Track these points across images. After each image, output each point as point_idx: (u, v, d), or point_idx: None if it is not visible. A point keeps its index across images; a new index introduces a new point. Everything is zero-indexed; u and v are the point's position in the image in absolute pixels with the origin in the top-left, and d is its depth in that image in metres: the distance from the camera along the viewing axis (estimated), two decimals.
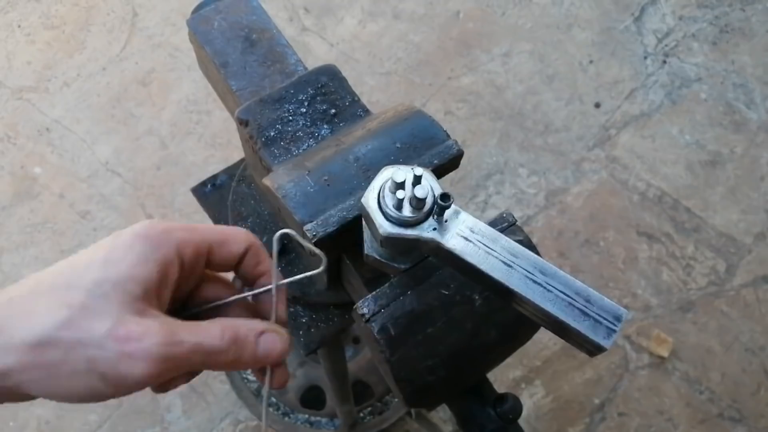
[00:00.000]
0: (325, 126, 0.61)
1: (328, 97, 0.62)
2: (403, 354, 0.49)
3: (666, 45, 1.81)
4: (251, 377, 1.32)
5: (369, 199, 0.44)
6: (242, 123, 0.60)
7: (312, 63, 0.82)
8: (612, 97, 1.74)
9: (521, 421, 0.55)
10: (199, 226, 0.41)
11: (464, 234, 0.43)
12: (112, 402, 1.39)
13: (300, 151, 0.59)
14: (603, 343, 0.39)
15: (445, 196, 0.42)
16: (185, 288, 0.42)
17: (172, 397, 1.40)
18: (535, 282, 0.41)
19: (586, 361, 1.44)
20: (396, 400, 1.32)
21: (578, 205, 1.60)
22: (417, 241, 0.43)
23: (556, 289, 0.40)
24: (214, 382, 1.41)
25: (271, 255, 0.45)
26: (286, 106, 0.61)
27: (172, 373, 0.37)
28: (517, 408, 0.53)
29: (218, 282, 0.45)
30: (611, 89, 1.75)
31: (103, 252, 0.37)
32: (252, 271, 0.44)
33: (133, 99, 1.72)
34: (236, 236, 0.43)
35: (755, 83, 1.75)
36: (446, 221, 0.43)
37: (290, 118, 0.60)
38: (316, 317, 0.66)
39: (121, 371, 0.35)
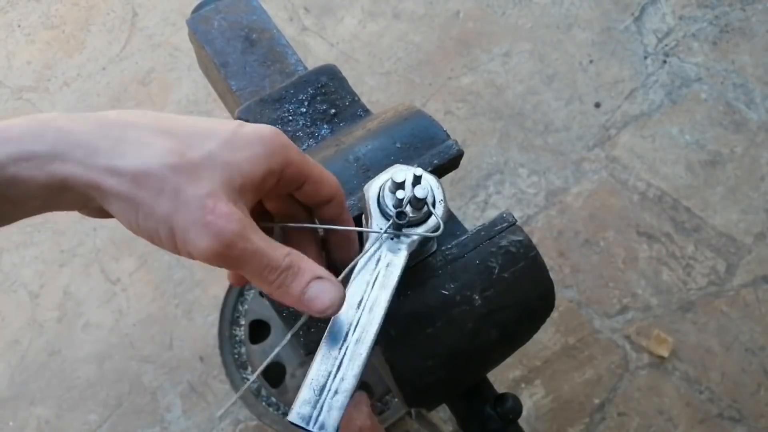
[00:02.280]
0: (325, 126, 0.61)
1: (328, 97, 0.62)
2: (404, 354, 0.49)
3: (666, 45, 1.81)
4: (251, 377, 1.32)
5: (371, 187, 0.45)
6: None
7: (312, 63, 0.82)
8: (612, 97, 1.74)
9: (521, 421, 0.55)
10: (306, 156, 0.43)
11: (381, 259, 0.44)
12: (112, 402, 1.39)
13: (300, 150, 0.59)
14: (290, 416, 0.40)
15: (400, 215, 0.43)
16: (266, 200, 0.45)
17: (172, 397, 1.40)
18: (345, 334, 0.41)
19: (586, 361, 1.44)
20: (396, 400, 1.32)
21: (578, 205, 1.60)
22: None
23: (342, 356, 0.41)
24: (214, 382, 1.41)
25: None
26: (286, 106, 0.61)
27: (228, 261, 0.38)
28: (517, 408, 0.53)
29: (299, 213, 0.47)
30: (611, 89, 1.75)
31: (226, 134, 0.39)
32: (331, 220, 0.45)
33: (133, 99, 1.72)
34: (328, 179, 0.44)
35: (755, 83, 1.75)
36: (396, 241, 0.44)
37: (290, 118, 0.60)
38: (316, 317, 0.66)
39: (190, 235, 0.37)
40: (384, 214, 0.44)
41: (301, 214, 0.46)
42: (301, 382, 0.40)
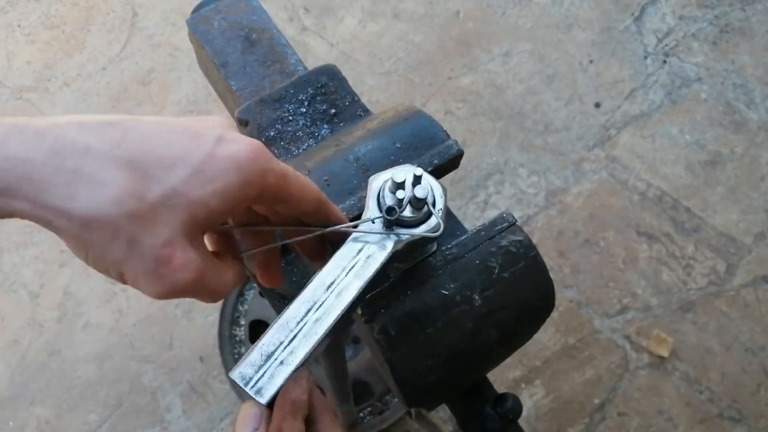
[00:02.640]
0: (325, 126, 0.61)
1: (328, 97, 0.62)
2: (403, 354, 0.49)
3: (666, 45, 1.81)
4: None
5: (376, 180, 0.45)
6: (242, 123, 0.60)
7: (312, 63, 0.82)
8: (612, 97, 1.74)
9: (521, 421, 0.55)
10: (289, 173, 0.41)
11: (362, 251, 0.44)
12: (112, 402, 1.39)
13: (300, 151, 0.59)
14: (231, 372, 0.40)
15: (390, 210, 0.43)
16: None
17: (172, 397, 1.40)
18: (307, 311, 0.41)
19: (586, 361, 1.44)
20: (396, 400, 1.32)
21: (578, 205, 1.60)
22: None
23: (297, 332, 0.41)
24: (214, 382, 1.41)
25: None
26: (286, 106, 0.61)
27: (179, 297, 0.38)
28: (517, 408, 0.53)
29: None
30: (611, 89, 1.75)
31: (197, 160, 0.36)
32: (317, 222, 0.45)
33: (133, 99, 1.72)
34: (310, 195, 0.43)
35: (755, 83, 1.75)
36: (385, 237, 0.44)
37: (290, 118, 0.60)
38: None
39: (139, 282, 0.36)
40: (380, 209, 0.45)
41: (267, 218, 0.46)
42: None
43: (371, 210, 0.44)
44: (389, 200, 0.44)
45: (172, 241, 0.35)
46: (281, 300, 0.60)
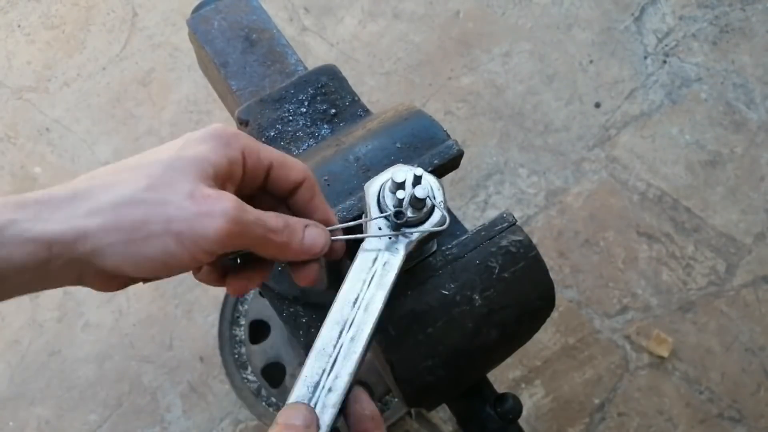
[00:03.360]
0: (325, 126, 0.61)
1: (328, 97, 0.62)
2: (404, 354, 0.49)
3: (666, 45, 1.81)
4: (251, 377, 1.32)
5: (372, 185, 0.45)
6: (242, 123, 0.60)
7: (312, 63, 0.82)
8: (612, 97, 1.74)
9: (521, 421, 0.55)
10: (263, 144, 0.44)
11: (378, 259, 0.43)
12: (112, 402, 1.39)
13: (300, 150, 0.59)
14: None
15: (398, 214, 0.43)
16: (246, 193, 0.44)
17: (172, 397, 1.40)
18: (340, 332, 0.41)
19: (586, 361, 1.44)
20: (396, 400, 1.32)
21: (578, 205, 1.60)
22: (362, 221, 0.45)
23: (337, 354, 0.41)
24: (214, 382, 1.41)
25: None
26: (286, 106, 0.61)
27: (240, 239, 0.39)
28: (517, 408, 0.53)
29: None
30: (611, 89, 1.75)
31: (179, 142, 0.40)
32: (306, 205, 0.45)
33: (133, 99, 1.72)
34: (295, 164, 0.45)
35: (755, 83, 1.75)
36: (395, 241, 0.44)
37: (290, 118, 0.60)
38: (316, 317, 0.66)
39: (197, 229, 0.37)
40: (383, 212, 0.44)
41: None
42: None
43: (374, 215, 0.44)
44: (390, 201, 0.44)
45: (195, 187, 0.38)
46: (281, 300, 0.60)
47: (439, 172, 0.55)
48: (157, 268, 0.37)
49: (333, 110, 0.61)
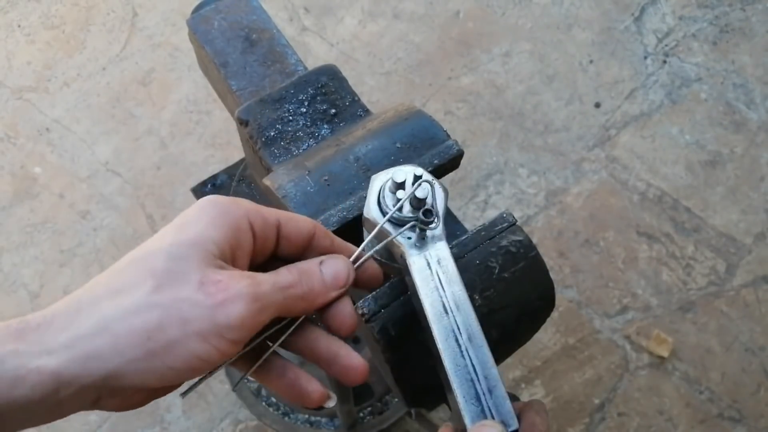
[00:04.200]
0: (325, 126, 0.61)
1: (328, 97, 0.62)
2: (403, 354, 0.48)
3: (666, 45, 1.81)
4: (250, 377, 1.32)
5: (371, 210, 0.44)
6: (242, 123, 0.60)
7: (312, 63, 0.82)
8: (612, 97, 1.74)
9: None
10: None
11: (430, 260, 0.43)
12: None
13: (300, 151, 0.59)
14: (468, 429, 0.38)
15: (427, 212, 0.42)
16: (259, 261, 0.42)
17: (172, 397, 1.40)
18: (456, 340, 0.40)
19: (586, 361, 1.44)
20: (396, 400, 1.32)
21: (578, 205, 1.60)
22: (389, 241, 0.43)
23: (470, 359, 0.40)
24: (214, 382, 1.41)
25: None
26: (286, 106, 0.61)
27: (264, 314, 0.36)
28: None
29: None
30: (611, 89, 1.75)
31: (176, 221, 0.38)
32: (328, 252, 0.43)
33: (133, 99, 1.72)
34: (300, 216, 0.43)
35: (755, 83, 1.75)
36: (425, 239, 0.43)
37: (290, 118, 0.60)
38: (316, 317, 0.66)
39: (218, 320, 0.34)
40: (393, 220, 0.44)
41: None
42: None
43: (393, 231, 0.43)
44: (390, 201, 0.44)
45: (202, 276, 0.35)
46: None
47: (439, 172, 0.55)
48: (186, 375, 0.35)
49: (333, 110, 0.61)
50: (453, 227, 0.57)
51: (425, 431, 1.35)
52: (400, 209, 0.43)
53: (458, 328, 0.41)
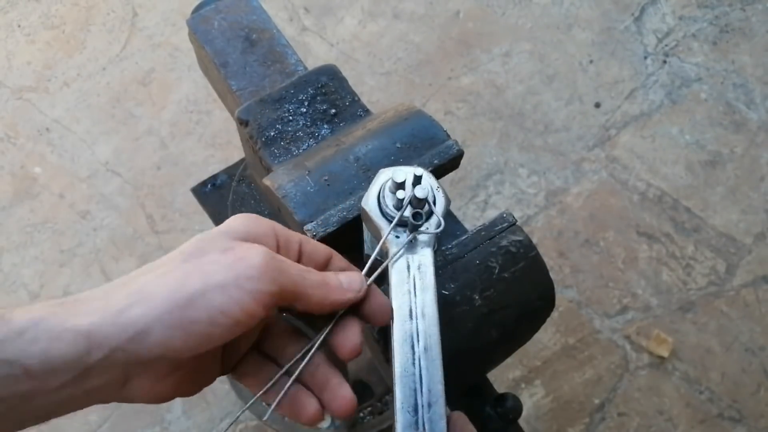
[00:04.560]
0: (325, 126, 0.61)
1: (328, 97, 0.62)
2: None
3: (666, 45, 1.81)
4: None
5: (369, 201, 0.44)
6: (242, 123, 0.60)
7: (312, 63, 0.82)
8: (612, 97, 1.74)
9: (521, 421, 0.55)
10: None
11: (411, 263, 0.43)
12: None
13: (300, 151, 0.59)
14: None
15: (417, 215, 0.42)
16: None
17: None
18: (412, 347, 0.41)
19: (586, 361, 1.44)
20: None
21: (578, 205, 1.60)
22: (378, 234, 0.44)
23: (420, 369, 0.40)
24: (214, 382, 1.40)
25: None
26: (286, 106, 0.61)
27: (281, 277, 0.37)
28: (518, 408, 0.53)
29: None
30: (611, 89, 1.75)
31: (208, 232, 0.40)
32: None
33: (133, 99, 1.72)
34: (320, 243, 0.45)
35: (755, 83, 1.75)
36: (414, 243, 0.43)
37: (290, 118, 0.60)
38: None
39: (237, 270, 0.36)
40: (388, 219, 0.44)
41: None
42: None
43: (385, 228, 0.44)
44: (390, 201, 0.44)
45: (229, 244, 0.38)
46: None
47: (439, 172, 0.55)
48: (207, 331, 0.35)
49: (333, 110, 0.61)
50: (453, 227, 0.57)
51: None
52: (399, 208, 0.43)
53: (418, 336, 0.41)
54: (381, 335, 0.48)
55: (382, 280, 0.44)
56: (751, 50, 1.80)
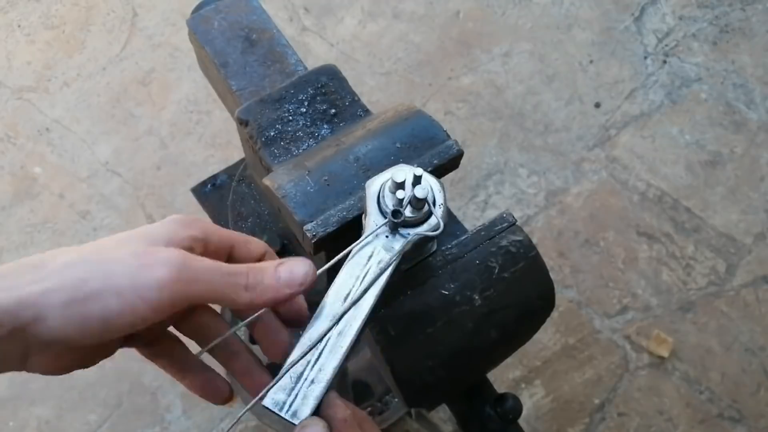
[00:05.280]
0: (325, 126, 0.61)
1: (328, 97, 0.62)
2: (404, 354, 0.49)
3: (666, 45, 1.81)
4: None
5: (373, 184, 0.45)
6: (242, 123, 0.60)
7: (312, 63, 0.82)
8: (612, 97, 1.74)
9: (521, 421, 0.55)
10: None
11: (374, 255, 0.43)
12: (112, 402, 1.39)
13: (300, 151, 0.59)
14: (264, 401, 0.39)
15: (396, 213, 0.43)
16: None
17: (173, 397, 1.40)
18: (329, 327, 0.41)
19: (586, 361, 1.44)
20: (396, 400, 1.32)
21: (578, 205, 1.60)
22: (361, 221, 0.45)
23: (323, 347, 0.41)
24: None
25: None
26: (286, 106, 0.61)
27: (190, 286, 0.37)
28: (517, 408, 0.53)
29: None
30: (611, 89, 1.75)
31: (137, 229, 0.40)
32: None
33: (133, 99, 1.72)
34: (256, 240, 0.44)
35: (755, 83, 1.75)
36: (389, 240, 0.44)
37: (290, 118, 0.60)
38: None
39: (139, 280, 0.35)
40: (383, 213, 0.44)
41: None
42: None
43: (372, 214, 0.44)
44: (389, 201, 0.44)
45: (141, 248, 0.37)
46: None
47: (439, 172, 0.55)
48: (100, 328, 0.35)
49: (333, 110, 0.61)
50: (453, 227, 0.57)
51: (425, 431, 1.35)
52: (400, 205, 0.43)
53: (339, 319, 0.41)
54: (381, 335, 0.48)
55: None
56: (751, 50, 1.80)
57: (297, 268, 0.40)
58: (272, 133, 0.60)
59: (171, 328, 0.45)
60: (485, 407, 0.54)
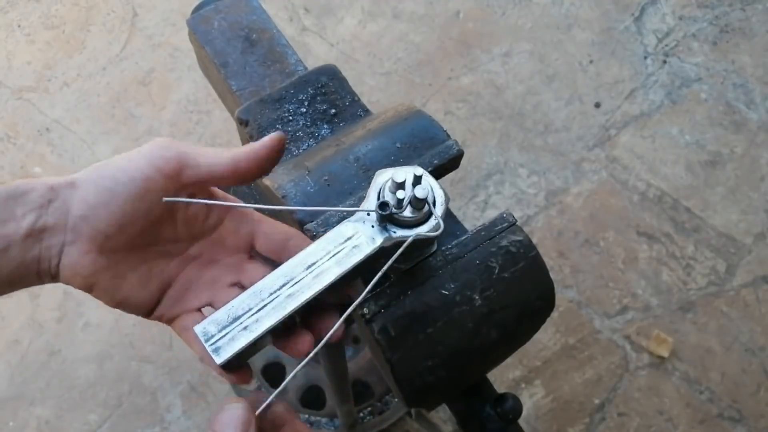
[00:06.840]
0: (325, 126, 0.61)
1: (328, 97, 0.62)
2: (404, 354, 0.49)
3: (666, 45, 1.81)
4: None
5: (383, 175, 0.45)
6: (242, 123, 0.61)
7: (312, 63, 0.82)
8: (612, 97, 1.74)
9: (521, 421, 0.55)
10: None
11: (351, 237, 0.44)
12: (112, 402, 1.39)
13: (300, 150, 0.59)
14: (196, 327, 0.42)
15: (383, 205, 0.43)
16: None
17: (172, 397, 1.40)
18: (282, 285, 0.42)
19: (586, 361, 1.44)
20: (396, 400, 1.32)
21: (578, 205, 1.60)
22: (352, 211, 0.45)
23: (268, 303, 0.42)
24: (214, 382, 1.41)
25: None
26: (286, 106, 0.61)
27: (174, 144, 0.44)
28: (517, 408, 0.53)
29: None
30: (611, 89, 1.75)
31: (122, 162, 0.45)
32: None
33: (133, 99, 1.72)
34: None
35: (755, 83, 1.75)
36: (375, 229, 0.44)
37: (290, 118, 0.60)
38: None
39: (140, 149, 0.44)
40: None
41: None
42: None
43: (369, 201, 0.44)
44: (389, 199, 0.44)
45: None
46: None
47: (439, 172, 0.55)
48: (117, 193, 0.41)
49: (333, 110, 0.61)
50: (453, 227, 0.57)
51: (425, 431, 1.35)
52: (400, 204, 0.43)
53: (295, 283, 0.42)
54: (381, 335, 0.48)
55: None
56: (751, 50, 1.80)
57: (274, 136, 0.44)
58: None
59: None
60: (485, 407, 0.54)
